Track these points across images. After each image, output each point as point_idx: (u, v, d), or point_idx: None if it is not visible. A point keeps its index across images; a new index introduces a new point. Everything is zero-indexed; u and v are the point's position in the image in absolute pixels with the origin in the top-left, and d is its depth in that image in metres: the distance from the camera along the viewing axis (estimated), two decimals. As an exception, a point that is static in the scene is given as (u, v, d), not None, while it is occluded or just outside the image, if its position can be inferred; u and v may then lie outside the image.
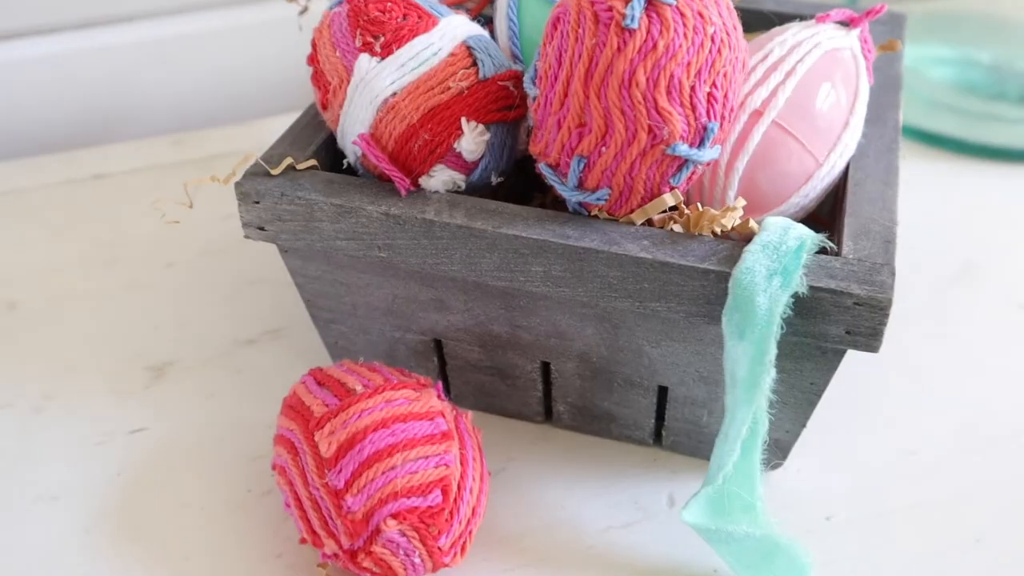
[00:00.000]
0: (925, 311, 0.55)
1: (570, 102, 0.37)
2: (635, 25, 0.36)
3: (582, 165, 0.38)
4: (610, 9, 0.36)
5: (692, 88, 0.37)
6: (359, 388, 0.40)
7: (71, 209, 0.63)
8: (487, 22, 0.48)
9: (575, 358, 0.44)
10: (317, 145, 0.45)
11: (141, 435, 0.48)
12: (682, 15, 0.36)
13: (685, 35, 0.36)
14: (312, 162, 0.43)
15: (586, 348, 0.44)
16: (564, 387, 0.46)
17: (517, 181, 0.47)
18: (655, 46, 0.36)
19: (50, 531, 0.44)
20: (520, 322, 0.44)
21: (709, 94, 0.37)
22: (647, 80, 0.36)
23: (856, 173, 0.43)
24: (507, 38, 0.44)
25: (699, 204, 0.41)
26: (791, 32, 0.43)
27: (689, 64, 0.36)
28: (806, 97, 0.41)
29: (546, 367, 0.46)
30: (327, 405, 0.40)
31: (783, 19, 0.55)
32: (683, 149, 0.37)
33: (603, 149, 0.38)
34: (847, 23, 0.44)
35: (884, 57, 0.50)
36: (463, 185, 0.42)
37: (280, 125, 0.49)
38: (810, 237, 0.38)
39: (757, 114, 0.41)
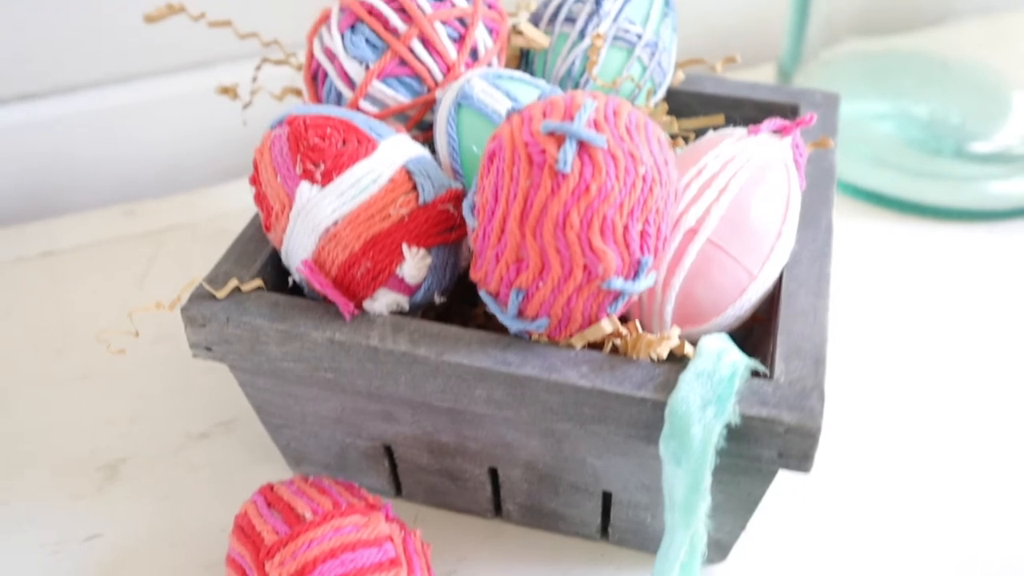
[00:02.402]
0: (858, 384, 0.56)
1: (507, 239, 0.38)
2: (567, 169, 0.36)
3: (520, 297, 0.39)
4: (543, 152, 0.37)
5: (625, 227, 0.37)
6: (308, 515, 0.41)
7: (20, 290, 0.63)
8: (428, 127, 0.48)
9: (521, 465, 0.45)
10: (263, 260, 0.45)
11: (96, 542, 0.49)
12: (614, 158, 0.37)
13: (617, 177, 0.37)
14: (257, 283, 0.44)
15: (532, 457, 0.45)
16: (512, 489, 0.47)
17: (468, 287, 0.47)
18: (588, 189, 0.37)
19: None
20: (467, 433, 0.45)
21: (642, 231, 0.38)
22: (581, 222, 0.37)
23: (789, 283, 0.44)
24: (447, 152, 0.45)
25: (638, 324, 0.42)
26: (725, 145, 0.44)
27: (621, 204, 0.37)
28: (739, 213, 0.43)
29: (494, 471, 0.47)
30: (277, 532, 0.41)
31: (723, 102, 0.56)
32: (618, 283, 0.38)
33: (540, 284, 0.39)
34: (779, 131, 0.45)
35: (818, 150, 0.51)
36: (407, 306, 0.43)
37: (234, 191, 0.49)
38: (743, 364, 0.39)
39: (692, 232, 0.42)
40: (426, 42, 0.46)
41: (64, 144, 0.70)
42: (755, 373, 0.40)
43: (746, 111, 0.56)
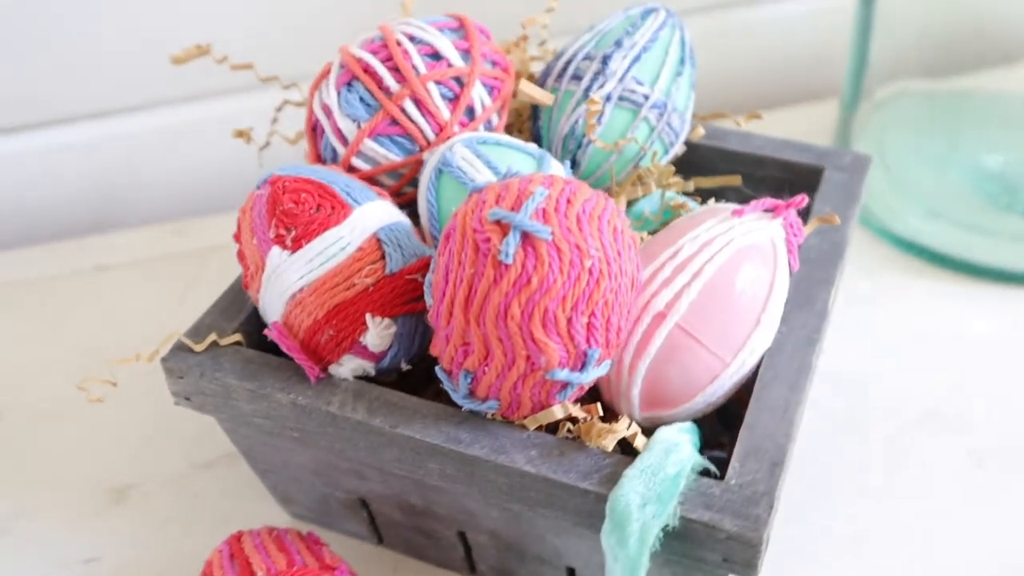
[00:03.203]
0: (873, 461, 0.54)
1: (454, 322, 0.38)
2: (509, 260, 0.36)
3: (469, 379, 0.39)
4: (488, 240, 0.36)
5: (569, 319, 0.37)
6: (260, 574, 0.42)
7: (70, 304, 0.66)
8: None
9: (486, 533, 0.45)
10: (248, 312, 0.46)
11: (94, 565, 0.51)
12: (558, 250, 0.36)
13: (560, 270, 0.36)
14: (236, 338, 0.45)
15: (495, 528, 0.45)
16: (482, 553, 0.47)
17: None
18: (529, 281, 0.36)
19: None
20: (431, 498, 0.45)
21: (588, 323, 0.37)
22: (522, 313, 0.36)
23: (765, 373, 0.42)
24: (426, 218, 0.45)
25: (599, 407, 0.41)
26: (705, 227, 0.42)
27: (564, 298, 0.36)
28: (713, 299, 0.41)
29: (463, 534, 0.47)
30: (230, 586, 0.42)
31: (746, 160, 0.54)
32: (562, 374, 0.38)
33: (486, 368, 0.38)
34: (771, 210, 0.43)
35: (837, 214, 0.49)
36: (373, 372, 0.43)
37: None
38: (691, 463, 0.38)
39: (661, 316, 0.41)
40: (418, 102, 0.46)
41: (123, 162, 0.73)
42: (706, 472, 0.39)
43: (769, 170, 0.54)
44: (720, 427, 0.47)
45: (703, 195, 0.54)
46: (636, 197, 0.51)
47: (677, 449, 0.38)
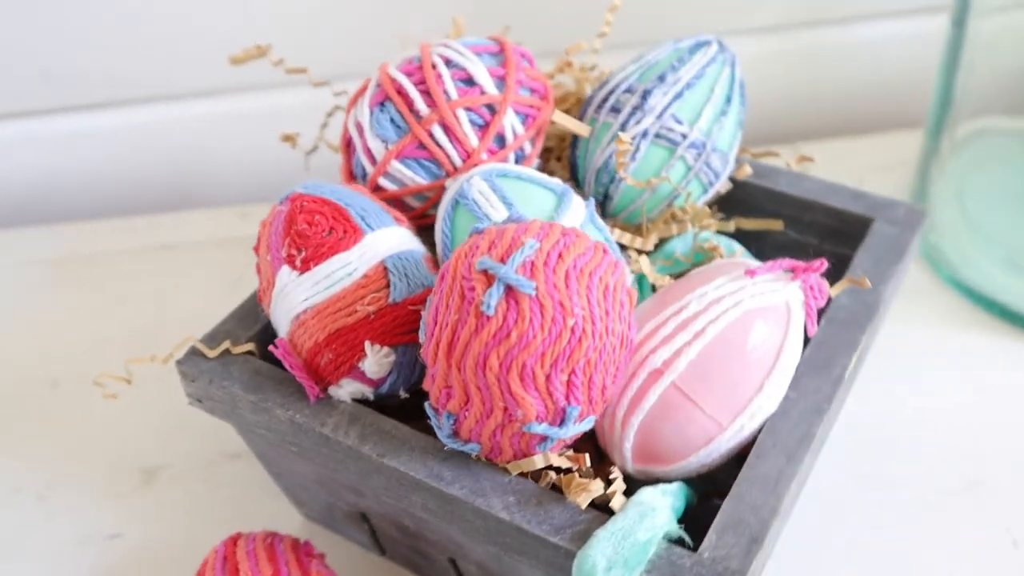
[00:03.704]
0: (902, 528, 0.51)
1: (438, 364, 0.38)
2: (491, 312, 0.36)
3: (452, 420, 0.39)
4: (473, 289, 0.36)
5: (548, 376, 0.36)
6: (243, 582, 0.43)
7: (132, 280, 0.69)
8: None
9: (474, 563, 0.45)
10: (264, 323, 0.47)
11: (116, 542, 0.53)
12: (541, 306, 0.36)
13: (541, 326, 0.36)
14: (249, 347, 0.46)
15: (481, 559, 0.45)
16: (472, 580, 0.47)
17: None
18: (509, 335, 0.36)
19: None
20: (423, 524, 0.45)
21: (568, 381, 0.37)
22: (500, 365, 0.36)
23: (764, 439, 0.41)
24: (441, 248, 0.45)
25: (587, 458, 0.40)
26: (714, 284, 0.41)
27: (543, 355, 0.36)
28: (714, 361, 0.40)
29: (454, 560, 0.47)
30: (216, 592, 0.43)
31: (794, 203, 0.52)
32: (540, 428, 0.37)
33: (466, 413, 0.38)
34: (791, 271, 0.42)
35: (878, 272, 0.47)
36: (371, 396, 0.44)
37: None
38: (663, 531, 0.37)
39: (657, 373, 0.40)
40: (447, 128, 0.46)
41: (197, 143, 0.75)
42: (681, 542, 0.38)
43: (816, 216, 0.52)
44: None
45: (745, 236, 0.53)
46: (670, 235, 0.50)
47: (653, 514, 0.37)
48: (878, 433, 0.56)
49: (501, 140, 0.47)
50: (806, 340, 0.43)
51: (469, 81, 0.47)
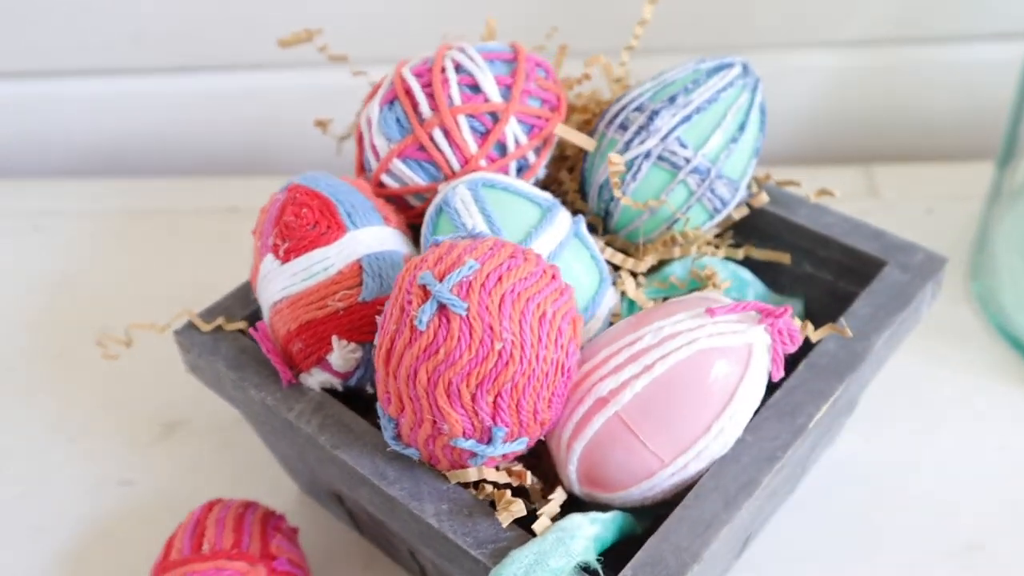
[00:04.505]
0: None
1: (379, 369, 0.39)
2: (422, 327, 0.36)
3: (392, 424, 0.40)
4: (410, 303, 0.37)
5: (473, 395, 0.37)
6: (206, 547, 0.45)
7: (196, 239, 0.73)
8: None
9: (430, 560, 0.47)
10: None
11: (126, 488, 0.57)
12: (470, 327, 0.36)
13: (469, 347, 0.36)
14: (240, 325, 0.48)
15: (431, 556, 0.46)
16: (431, 572, 0.49)
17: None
18: (437, 351, 0.36)
19: (31, 561, 0.54)
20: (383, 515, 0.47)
21: (494, 402, 0.37)
22: (428, 380, 0.37)
23: (708, 481, 0.40)
24: (423, 252, 0.45)
25: (528, 476, 0.41)
26: (673, 320, 0.40)
27: (469, 375, 0.36)
28: (660, 396, 0.39)
29: (412, 552, 0.48)
30: (181, 552, 0.46)
31: (809, 237, 0.51)
32: (467, 444, 0.38)
33: (402, 420, 0.39)
34: (760, 312, 0.41)
35: (875, 320, 0.45)
36: (340, 388, 0.45)
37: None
38: (577, 559, 0.37)
39: (603, 401, 0.40)
40: (447, 133, 0.47)
41: (273, 113, 0.78)
42: (594, 573, 0.38)
43: (832, 252, 0.50)
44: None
45: (759, 265, 0.51)
46: (671, 257, 0.49)
47: (571, 542, 0.38)
48: (887, 478, 0.54)
49: (502, 148, 0.47)
50: (779, 383, 0.42)
51: (475, 87, 0.47)
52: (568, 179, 0.52)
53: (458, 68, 0.47)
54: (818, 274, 0.51)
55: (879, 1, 0.71)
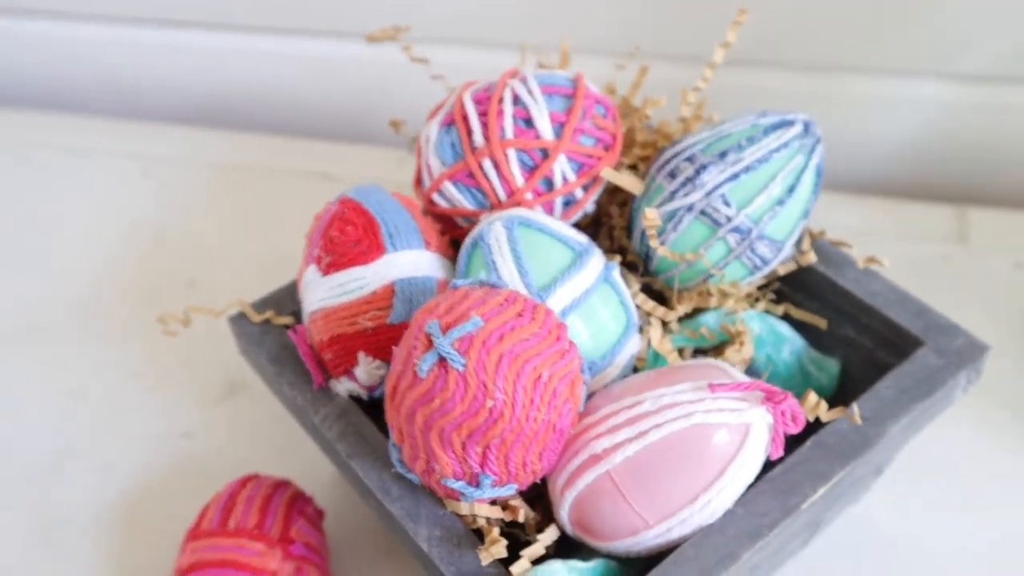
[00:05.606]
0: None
1: (387, 399, 0.41)
2: (423, 375, 0.38)
3: (397, 450, 0.42)
4: (416, 348, 0.39)
5: (464, 444, 0.39)
6: (232, 524, 0.49)
7: (286, 200, 0.76)
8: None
9: (431, 565, 0.49)
10: (312, 299, 0.52)
11: (186, 440, 0.62)
12: (465, 382, 0.38)
13: (462, 400, 0.38)
14: (288, 320, 0.51)
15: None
16: None
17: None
18: (433, 399, 0.38)
19: (87, 493, 0.60)
20: (394, 517, 0.49)
21: (483, 453, 0.39)
22: (424, 422, 0.39)
23: (688, 548, 0.41)
24: (460, 275, 0.47)
25: (522, 514, 0.43)
26: (675, 389, 0.41)
27: (460, 425, 0.38)
28: (651, 463, 0.40)
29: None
30: (211, 522, 0.50)
31: (852, 302, 0.50)
32: (457, 485, 0.40)
33: (403, 448, 0.41)
34: (764, 393, 0.41)
35: (896, 405, 0.45)
36: (366, 397, 0.48)
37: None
38: (544, 608, 0.39)
39: (596, 458, 0.41)
40: (496, 164, 0.48)
41: (378, 85, 0.80)
42: (561, 622, 0.40)
43: (872, 321, 0.49)
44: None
45: (797, 320, 0.51)
46: (707, 306, 0.49)
47: (544, 588, 0.40)
48: (910, 549, 0.54)
49: (549, 183, 0.48)
50: (783, 456, 0.43)
51: (528, 122, 0.48)
52: (617, 214, 0.52)
53: (516, 100, 0.48)
54: (859, 339, 0.51)
55: (1001, 38, 0.67)
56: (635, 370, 0.48)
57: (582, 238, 0.47)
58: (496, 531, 0.42)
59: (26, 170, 0.82)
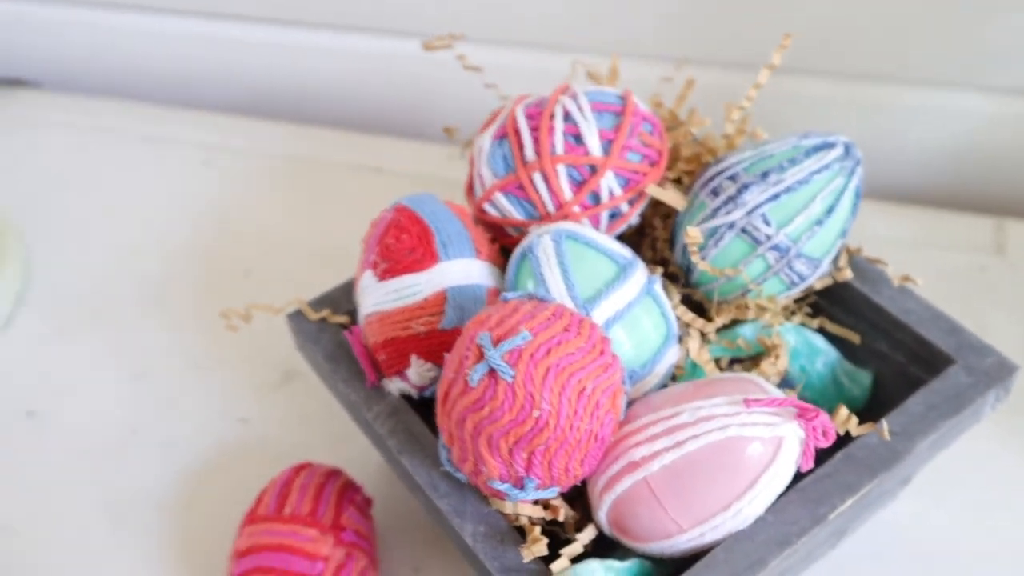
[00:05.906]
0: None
1: (438, 403, 0.44)
2: (473, 384, 0.41)
3: (446, 451, 0.45)
4: (467, 358, 0.41)
5: (511, 450, 0.41)
6: (288, 510, 0.52)
7: (336, 192, 0.79)
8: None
9: (474, 556, 0.52)
10: (367, 299, 0.55)
11: (243, 425, 0.65)
12: (513, 393, 0.40)
13: (510, 409, 0.40)
14: (343, 319, 0.54)
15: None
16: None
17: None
18: (483, 407, 0.41)
19: (149, 472, 0.63)
20: (440, 510, 0.52)
21: (528, 458, 0.41)
22: (474, 428, 0.41)
23: (720, 552, 0.43)
24: (506, 287, 0.49)
25: (562, 512, 0.45)
26: (712, 402, 0.43)
27: (508, 433, 0.41)
28: (686, 472, 0.43)
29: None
30: (268, 507, 0.53)
31: (885, 319, 0.52)
32: (502, 487, 0.43)
33: (453, 450, 0.44)
34: (797, 409, 0.43)
35: (924, 421, 0.46)
36: (416, 396, 0.50)
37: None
38: (581, 607, 0.42)
39: (634, 465, 0.44)
40: (546, 178, 0.50)
41: (430, 83, 0.83)
42: (597, 619, 0.42)
43: (905, 337, 0.51)
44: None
45: (829, 336, 0.53)
46: (745, 318, 0.51)
47: (582, 588, 0.42)
48: (936, 554, 0.55)
49: (596, 198, 0.50)
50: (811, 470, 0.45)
51: (578, 138, 0.50)
52: (660, 227, 0.54)
53: (567, 116, 0.50)
54: (892, 355, 0.52)
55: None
56: (674, 379, 0.50)
57: (626, 252, 0.49)
58: (538, 530, 0.44)
59: (97, 156, 0.86)
